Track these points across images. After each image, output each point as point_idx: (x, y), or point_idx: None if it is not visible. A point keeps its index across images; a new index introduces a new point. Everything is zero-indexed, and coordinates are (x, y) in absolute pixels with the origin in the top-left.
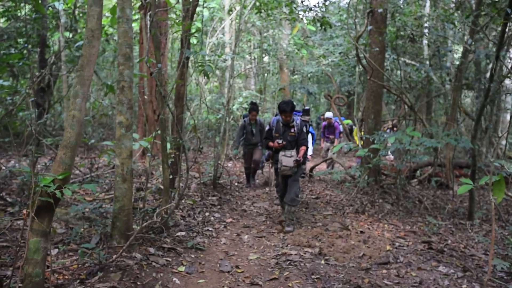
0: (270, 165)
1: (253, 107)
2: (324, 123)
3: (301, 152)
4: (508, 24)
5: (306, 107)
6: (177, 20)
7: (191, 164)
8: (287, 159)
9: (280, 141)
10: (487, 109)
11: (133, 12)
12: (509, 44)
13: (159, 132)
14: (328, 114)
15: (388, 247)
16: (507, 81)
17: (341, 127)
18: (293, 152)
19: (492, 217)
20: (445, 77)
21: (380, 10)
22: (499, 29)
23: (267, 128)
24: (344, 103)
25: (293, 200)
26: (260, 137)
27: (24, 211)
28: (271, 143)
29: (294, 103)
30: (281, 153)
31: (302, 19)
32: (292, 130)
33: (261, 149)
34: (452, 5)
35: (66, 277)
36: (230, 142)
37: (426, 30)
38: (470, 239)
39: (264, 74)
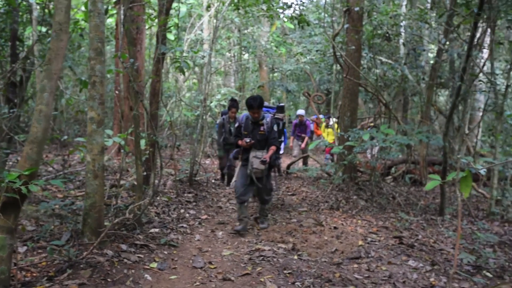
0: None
1: (233, 104)
2: (295, 121)
3: (270, 152)
4: (478, 25)
5: (281, 104)
6: (152, 16)
7: (167, 161)
8: (258, 161)
9: (248, 140)
10: (459, 108)
11: (110, 7)
12: (481, 44)
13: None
14: (300, 112)
15: (360, 242)
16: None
17: (312, 126)
18: (264, 153)
19: (458, 212)
20: (420, 76)
21: (356, 9)
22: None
23: (236, 124)
24: (322, 101)
25: (265, 200)
26: None
27: None
28: (239, 141)
29: (275, 101)
30: (252, 154)
31: (280, 16)
32: (262, 129)
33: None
34: (428, 5)
35: (34, 274)
36: (208, 139)
37: (402, 29)
38: (440, 234)
39: (244, 72)
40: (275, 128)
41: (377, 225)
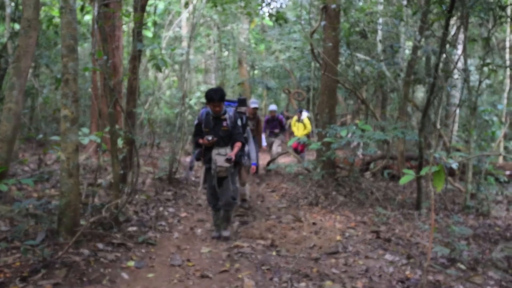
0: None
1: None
2: (266, 117)
3: (235, 149)
4: (450, 22)
5: (242, 97)
6: (127, 12)
7: (146, 159)
8: (222, 158)
9: (210, 138)
10: (434, 103)
11: (86, 4)
12: (456, 41)
13: None
14: (272, 107)
15: (338, 237)
16: (454, 76)
17: (284, 120)
18: (228, 150)
19: (432, 206)
20: (397, 73)
21: (333, 6)
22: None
23: (195, 122)
24: (303, 98)
25: (229, 204)
26: None
27: None
28: (200, 140)
29: (256, 98)
30: (214, 151)
31: (258, 14)
32: (225, 124)
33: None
34: (404, 2)
35: (7, 275)
36: (188, 136)
37: (379, 27)
38: (416, 228)
39: (224, 69)
40: (239, 122)
41: (355, 220)
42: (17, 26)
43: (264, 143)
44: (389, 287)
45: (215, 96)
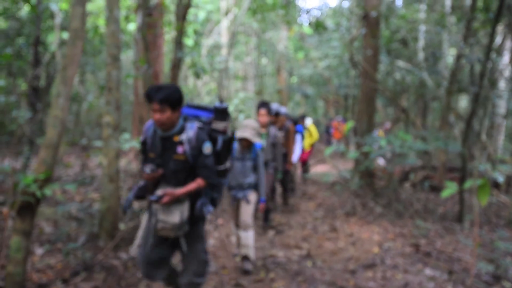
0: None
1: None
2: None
3: (189, 187)
4: (496, 29)
5: (222, 105)
6: (168, 21)
7: None
8: (169, 209)
9: (148, 170)
10: (479, 113)
11: (130, 14)
12: (502, 49)
13: None
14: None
15: (376, 250)
16: (501, 85)
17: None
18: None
19: (475, 220)
20: (440, 81)
21: (374, 14)
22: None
23: (141, 138)
24: (341, 106)
25: (193, 284)
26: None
27: (4, 210)
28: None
29: (294, 105)
30: (159, 192)
31: (297, 21)
32: (179, 150)
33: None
34: (448, 9)
35: (50, 276)
36: None
37: (420, 34)
38: (458, 242)
39: (262, 76)
40: (207, 149)
41: (394, 232)
42: (65, 35)
43: (295, 158)
44: None
45: (155, 95)
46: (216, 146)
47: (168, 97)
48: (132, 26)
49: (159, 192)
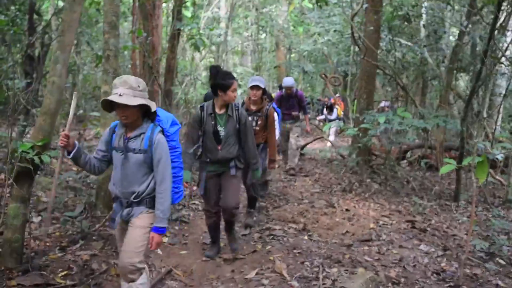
0: None
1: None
2: (278, 93)
3: None
4: (501, 7)
5: None
6: None
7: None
8: None
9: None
10: (479, 92)
11: None
12: (505, 27)
13: None
14: (288, 82)
15: (372, 225)
16: (501, 65)
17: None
18: None
19: (473, 198)
20: (440, 59)
21: None
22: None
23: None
24: (339, 83)
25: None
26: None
27: (2, 177)
28: None
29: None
30: None
31: None
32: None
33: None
34: None
35: (48, 244)
36: None
37: (423, 11)
38: (454, 219)
39: (260, 52)
40: None
41: (390, 209)
42: (61, 3)
43: (276, 135)
44: (424, 278)
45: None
46: None
47: None
48: None
49: None
